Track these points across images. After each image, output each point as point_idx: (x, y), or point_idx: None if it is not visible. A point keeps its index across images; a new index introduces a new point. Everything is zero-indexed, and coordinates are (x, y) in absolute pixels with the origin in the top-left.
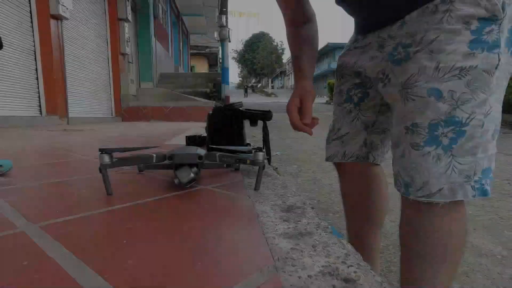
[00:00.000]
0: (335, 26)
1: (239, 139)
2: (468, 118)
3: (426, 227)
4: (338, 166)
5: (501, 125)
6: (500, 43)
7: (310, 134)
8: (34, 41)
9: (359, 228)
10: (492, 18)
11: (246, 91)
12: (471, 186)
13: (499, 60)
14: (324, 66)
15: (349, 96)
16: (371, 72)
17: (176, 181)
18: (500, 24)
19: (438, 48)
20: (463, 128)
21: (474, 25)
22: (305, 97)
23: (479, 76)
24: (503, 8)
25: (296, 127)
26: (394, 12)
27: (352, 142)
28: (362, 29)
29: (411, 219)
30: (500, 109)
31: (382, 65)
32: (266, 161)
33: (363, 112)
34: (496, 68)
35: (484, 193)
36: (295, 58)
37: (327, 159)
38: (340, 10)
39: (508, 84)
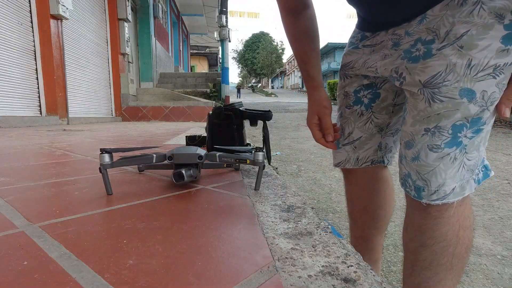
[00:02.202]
0: (335, 26)
1: (239, 139)
2: (488, 117)
3: (434, 233)
4: (347, 170)
5: (501, 125)
6: None
7: (335, 149)
8: (34, 41)
9: (365, 230)
10: None
11: (238, 91)
12: (473, 180)
13: None
14: (324, 66)
15: (358, 97)
16: (384, 71)
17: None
18: None
19: (469, 44)
20: (481, 127)
21: (508, 18)
22: (323, 114)
23: (508, 74)
24: None
25: (319, 143)
26: (419, 7)
27: (365, 146)
28: (374, 27)
29: (419, 225)
30: None
31: (396, 63)
32: (266, 161)
33: (376, 115)
34: None
35: (479, 181)
36: (302, 62)
37: (336, 165)
38: (340, 10)
39: None
